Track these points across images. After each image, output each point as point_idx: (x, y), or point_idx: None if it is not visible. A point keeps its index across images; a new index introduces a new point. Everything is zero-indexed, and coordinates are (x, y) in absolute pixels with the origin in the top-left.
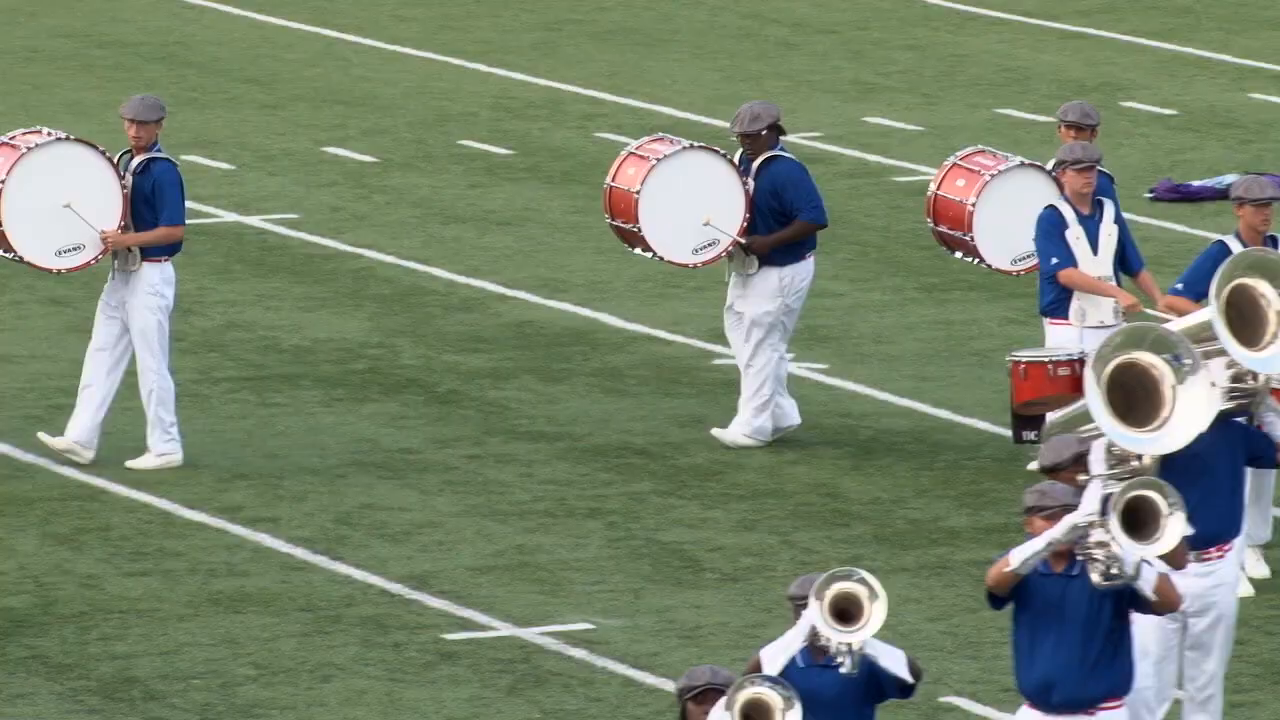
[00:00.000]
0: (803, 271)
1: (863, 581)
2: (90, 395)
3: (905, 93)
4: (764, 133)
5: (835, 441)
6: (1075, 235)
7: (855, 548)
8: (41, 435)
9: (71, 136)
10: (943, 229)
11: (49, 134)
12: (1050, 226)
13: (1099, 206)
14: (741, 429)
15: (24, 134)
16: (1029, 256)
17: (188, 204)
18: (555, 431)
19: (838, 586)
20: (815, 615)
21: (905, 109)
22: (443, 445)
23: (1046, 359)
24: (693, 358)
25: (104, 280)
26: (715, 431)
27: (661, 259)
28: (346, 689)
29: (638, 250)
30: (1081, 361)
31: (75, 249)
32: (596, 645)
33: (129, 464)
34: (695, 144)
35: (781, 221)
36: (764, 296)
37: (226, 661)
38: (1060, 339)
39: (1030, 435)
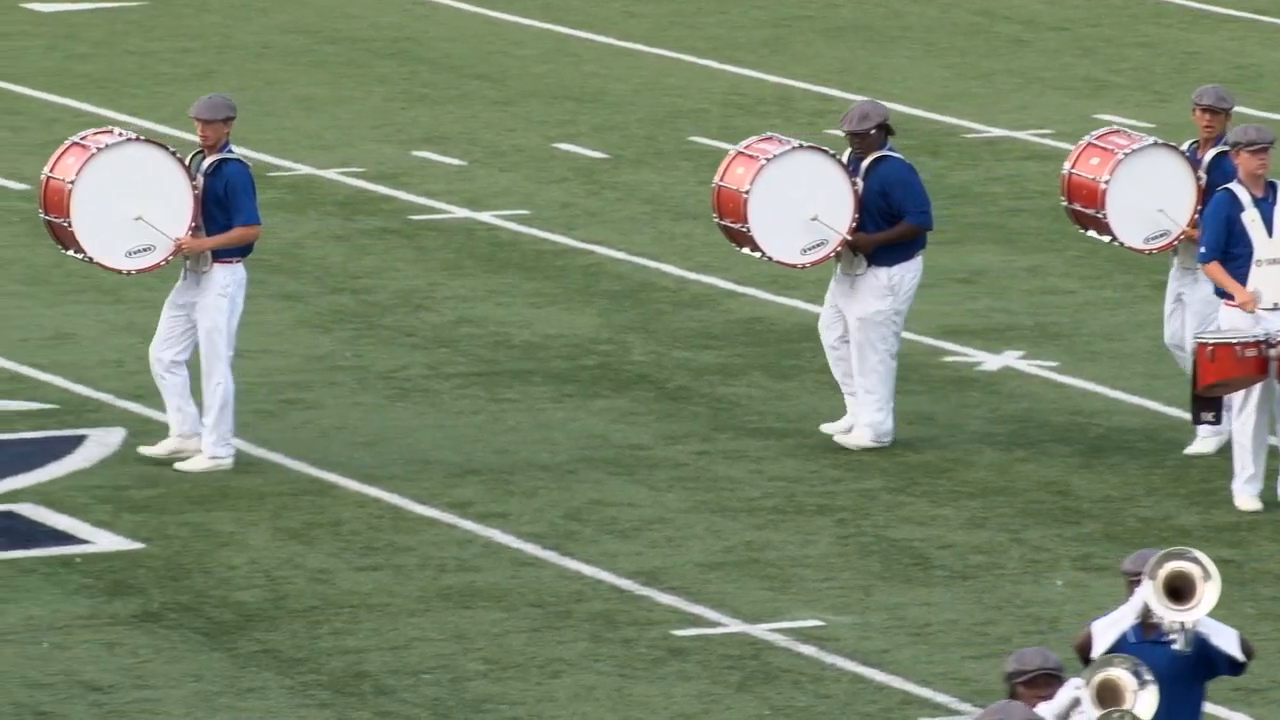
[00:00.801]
0: (911, 270)
1: (1196, 561)
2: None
3: (1136, 90)
4: (873, 132)
5: (1066, 439)
6: (1251, 218)
7: (1085, 545)
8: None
9: (142, 137)
10: (1076, 206)
11: (120, 134)
12: (1219, 210)
13: (1271, 189)
14: (866, 432)
15: (95, 134)
16: (1161, 235)
17: (424, 200)
18: (785, 428)
19: (1171, 565)
20: (1149, 593)
21: (1136, 106)
22: (672, 441)
23: (1234, 341)
24: (922, 354)
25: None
26: (839, 438)
27: (770, 259)
28: (576, 684)
29: (746, 250)
30: (1267, 342)
31: (145, 250)
32: (826, 642)
33: (179, 466)
34: (804, 143)
35: (889, 221)
36: (872, 296)
37: (456, 656)
38: (1234, 320)
39: (1208, 417)
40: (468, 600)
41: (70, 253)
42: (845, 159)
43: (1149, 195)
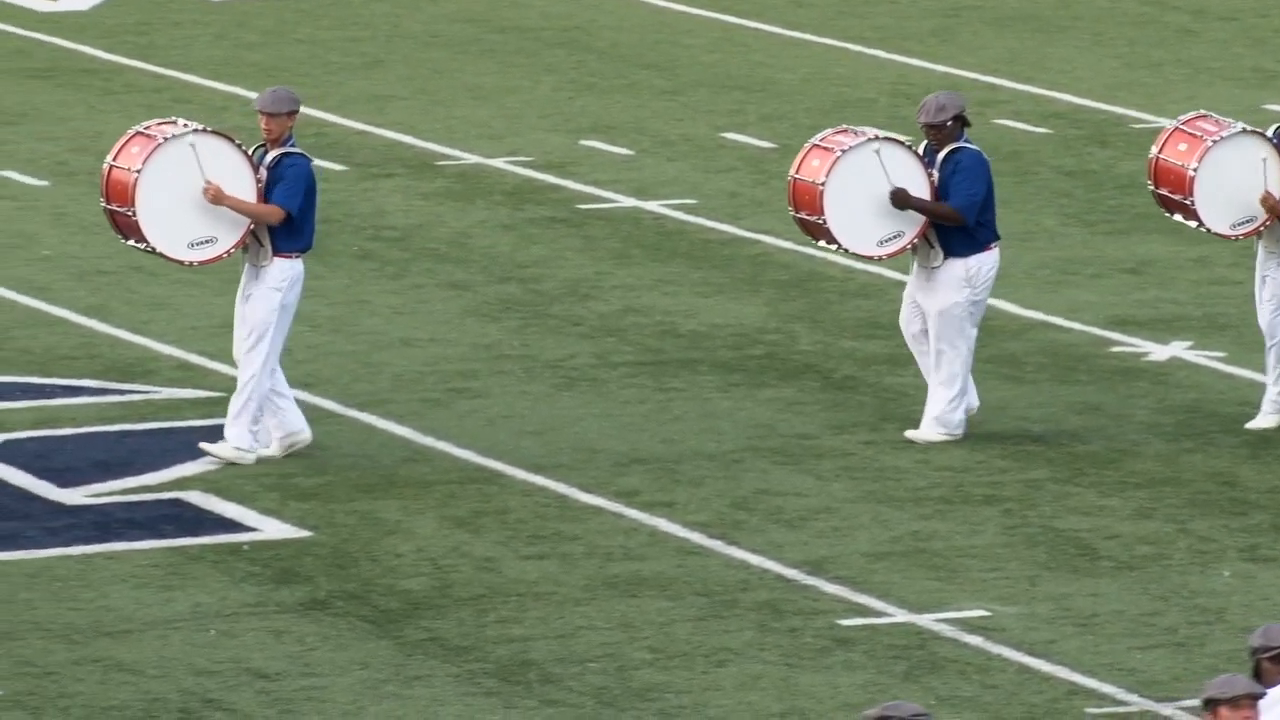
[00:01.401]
0: (988, 262)
1: None
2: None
3: None
4: (949, 124)
5: (1233, 430)
6: None
7: (1253, 536)
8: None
9: (208, 128)
10: (1163, 192)
11: (184, 125)
12: None
13: None
14: (933, 425)
15: (159, 124)
16: (1247, 221)
17: (591, 189)
18: None
19: None
20: None
21: None
22: (839, 431)
23: None
24: (1090, 345)
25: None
26: (909, 433)
27: (846, 251)
28: (742, 674)
29: (822, 243)
30: None
31: (208, 241)
32: (992, 632)
33: (204, 445)
34: (880, 134)
35: None
36: (949, 288)
37: (622, 645)
38: None
39: None
40: (634, 589)
41: (132, 243)
42: (921, 150)
43: (1236, 181)
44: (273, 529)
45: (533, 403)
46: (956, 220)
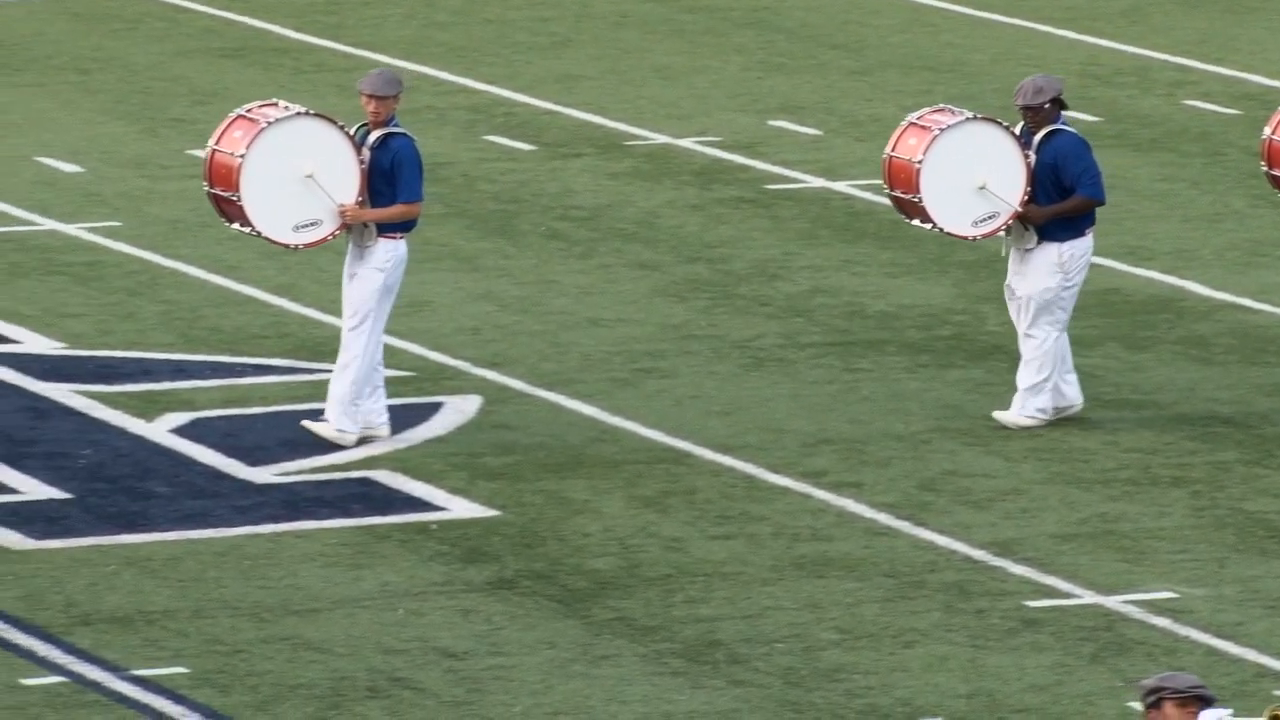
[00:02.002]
0: (1082, 247)
1: None
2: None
3: None
4: (1047, 106)
5: None
6: None
7: None
8: (305, 422)
9: (310, 111)
10: (1277, 173)
11: (287, 108)
12: None
13: None
14: (1021, 409)
15: (261, 106)
16: None
17: (779, 170)
18: (1140, 399)
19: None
20: None
21: None
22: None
23: None
24: None
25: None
26: (997, 414)
27: (941, 230)
28: (929, 655)
29: (916, 221)
30: None
31: (312, 224)
32: (1180, 614)
33: (305, 423)
34: (978, 115)
35: (1060, 195)
36: (1043, 273)
37: (810, 626)
38: None
39: None
40: (821, 569)
41: (236, 226)
42: (1018, 132)
43: None
44: (461, 508)
45: (720, 383)
46: (1093, 205)
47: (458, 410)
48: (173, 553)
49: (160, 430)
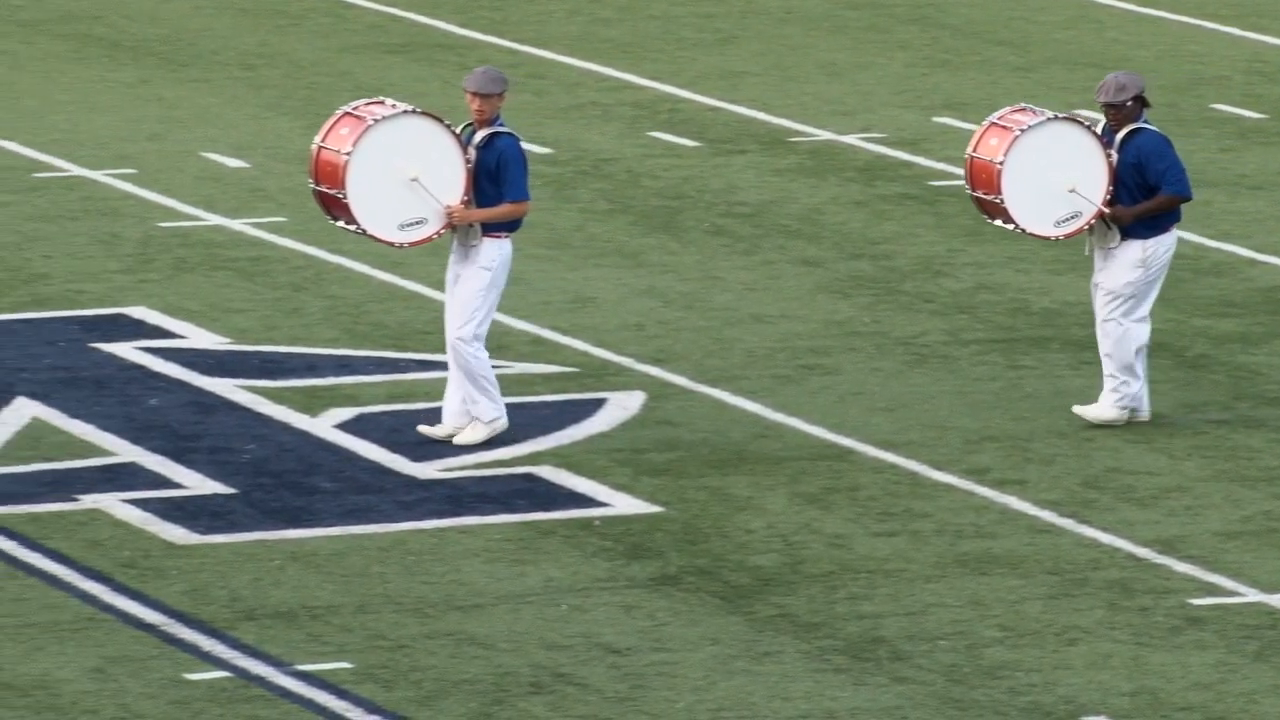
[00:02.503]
0: (1165, 243)
1: None
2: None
3: None
4: (1129, 104)
5: None
6: None
7: None
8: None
9: (418, 110)
10: None
11: (393, 106)
12: None
13: None
14: (1108, 404)
15: (368, 104)
16: None
17: (944, 166)
18: None
19: None
20: None
21: None
22: (1192, 409)
23: None
24: None
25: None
26: (1077, 408)
27: (1023, 231)
28: (1092, 652)
29: (998, 222)
30: None
31: (418, 223)
32: None
33: (458, 440)
34: (1059, 114)
35: (1144, 194)
36: (1124, 268)
37: (973, 623)
38: None
39: None
40: (984, 567)
41: (341, 224)
42: (1100, 130)
43: None
44: (624, 504)
45: (884, 380)
46: (1179, 202)
47: (621, 406)
48: (337, 548)
49: (325, 425)
